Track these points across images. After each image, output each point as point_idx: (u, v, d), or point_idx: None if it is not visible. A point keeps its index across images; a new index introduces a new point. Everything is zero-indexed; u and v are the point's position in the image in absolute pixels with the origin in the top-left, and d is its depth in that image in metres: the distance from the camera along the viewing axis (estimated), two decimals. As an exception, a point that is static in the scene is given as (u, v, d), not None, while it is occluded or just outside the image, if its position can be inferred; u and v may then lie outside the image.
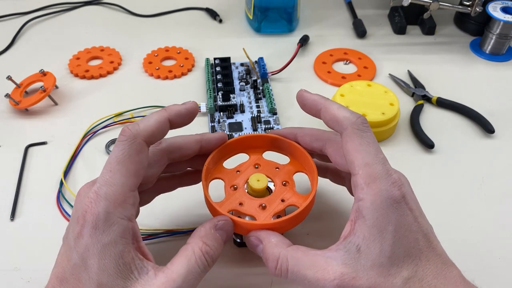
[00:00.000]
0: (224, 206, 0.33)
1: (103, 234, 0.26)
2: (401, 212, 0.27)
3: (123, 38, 0.61)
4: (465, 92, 0.52)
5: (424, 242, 0.27)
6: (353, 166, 0.28)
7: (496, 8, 0.56)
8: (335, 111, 0.30)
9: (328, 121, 0.30)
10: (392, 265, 0.26)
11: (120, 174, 0.27)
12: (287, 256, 0.28)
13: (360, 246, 0.26)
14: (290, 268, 0.28)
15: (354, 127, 0.28)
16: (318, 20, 0.65)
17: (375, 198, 0.26)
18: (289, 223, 0.31)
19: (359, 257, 0.26)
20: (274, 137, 0.36)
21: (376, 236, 0.26)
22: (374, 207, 0.26)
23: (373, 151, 0.28)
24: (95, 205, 0.26)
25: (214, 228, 0.30)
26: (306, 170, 0.35)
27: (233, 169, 0.36)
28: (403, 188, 0.27)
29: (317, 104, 0.31)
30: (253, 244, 0.31)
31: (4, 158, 0.45)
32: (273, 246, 0.29)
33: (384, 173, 0.27)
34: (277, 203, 0.33)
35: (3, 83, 0.50)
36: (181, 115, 0.31)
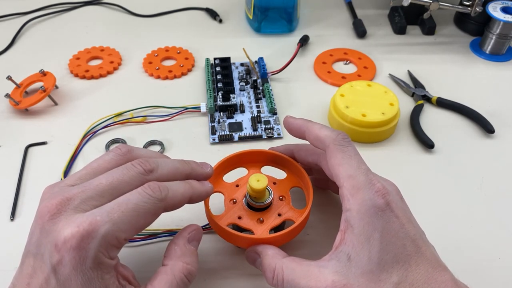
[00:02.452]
0: (224, 219, 0.34)
1: (90, 271, 0.25)
2: (386, 220, 0.28)
3: (123, 38, 0.61)
4: (465, 92, 0.52)
5: (412, 248, 0.28)
6: (338, 179, 0.30)
7: (496, 8, 0.56)
8: (317, 131, 0.32)
9: (313, 141, 0.33)
10: (381, 271, 0.27)
11: (129, 224, 0.27)
12: (283, 267, 0.29)
13: (350, 254, 0.27)
14: (286, 278, 0.29)
15: (336, 143, 0.31)
16: (318, 20, 0.65)
17: (360, 207, 0.28)
18: (286, 237, 0.33)
19: (350, 265, 0.27)
20: (272, 153, 0.38)
21: (364, 243, 0.27)
22: (360, 216, 0.28)
23: (355, 164, 0.30)
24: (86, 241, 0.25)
25: (187, 243, 0.30)
26: (302, 185, 0.37)
27: (233, 183, 0.37)
28: (387, 196, 0.28)
29: (301, 127, 0.34)
30: (252, 259, 0.32)
31: (4, 158, 0.45)
32: (270, 258, 0.31)
33: (367, 183, 0.29)
34: (273, 218, 0.35)
35: (3, 83, 0.50)
36: (201, 197, 0.32)
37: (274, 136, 0.47)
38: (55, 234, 0.25)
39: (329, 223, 0.39)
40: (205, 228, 0.38)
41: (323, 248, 0.37)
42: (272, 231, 0.34)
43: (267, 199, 0.35)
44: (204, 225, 0.38)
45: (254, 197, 0.34)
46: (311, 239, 0.38)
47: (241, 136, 0.47)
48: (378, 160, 0.45)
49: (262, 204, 0.34)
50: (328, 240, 0.38)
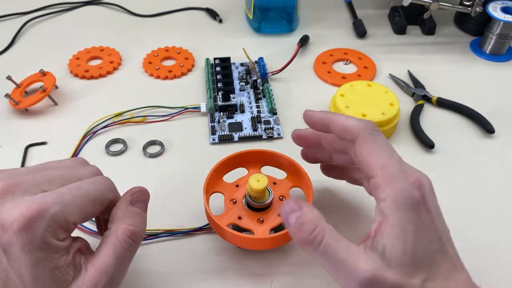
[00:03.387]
0: (224, 219, 0.35)
1: (37, 251, 0.25)
2: (419, 213, 0.27)
3: (123, 38, 0.61)
4: (465, 92, 0.52)
5: (437, 244, 0.27)
6: (370, 169, 0.29)
7: (496, 8, 0.56)
8: (344, 122, 0.31)
9: (339, 132, 0.31)
10: (412, 266, 0.26)
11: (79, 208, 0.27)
12: (326, 229, 0.27)
13: (385, 246, 0.26)
14: (325, 240, 0.27)
15: (365, 132, 0.29)
16: (318, 20, 0.65)
17: (395, 197, 0.27)
18: (286, 237, 0.33)
19: (384, 257, 0.26)
20: (272, 153, 0.38)
21: (398, 236, 0.26)
22: (395, 206, 0.27)
23: (387, 153, 0.29)
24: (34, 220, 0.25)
25: (129, 205, 0.30)
26: (302, 185, 0.37)
27: (233, 183, 0.37)
28: (423, 189, 0.28)
29: (324, 119, 0.32)
30: (290, 208, 0.28)
31: (4, 158, 0.45)
32: (315, 216, 0.28)
33: (402, 172, 0.28)
34: (274, 218, 0.35)
35: (3, 83, 0.50)
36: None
37: (274, 136, 0.47)
38: (3, 214, 0.25)
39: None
40: (205, 228, 0.38)
41: (323, 248, 0.37)
42: (272, 231, 0.34)
43: (267, 199, 0.35)
44: (204, 225, 0.38)
45: (254, 197, 0.34)
46: (311, 239, 0.38)
47: (241, 136, 0.47)
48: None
49: (262, 204, 0.34)
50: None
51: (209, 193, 0.36)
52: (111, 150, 0.45)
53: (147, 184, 0.42)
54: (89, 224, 0.39)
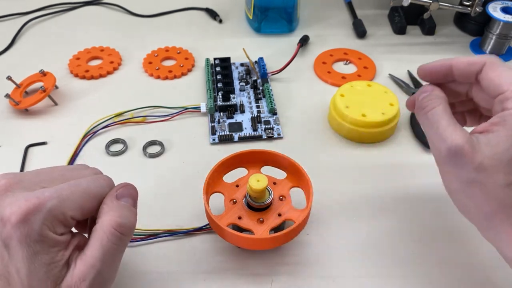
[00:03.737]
0: (224, 219, 0.34)
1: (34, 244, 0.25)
2: None
3: (123, 38, 0.61)
4: (465, 92, 0.52)
5: None
6: (500, 87, 0.29)
7: (496, 8, 0.56)
8: (467, 58, 0.31)
9: (464, 67, 0.31)
10: (506, 167, 0.27)
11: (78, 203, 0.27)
12: (443, 104, 0.30)
13: (490, 140, 0.27)
14: (435, 110, 0.30)
15: (491, 60, 0.30)
16: (318, 20, 0.65)
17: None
18: (286, 237, 0.33)
19: (484, 147, 0.27)
20: (272, 153, 0.38)
21: (509, 138, 0.27)
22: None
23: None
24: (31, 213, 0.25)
25: (115, 199, 0.29)
26: (302, 185, 0.37)
27: (233, 183, 0.37)
28: None
29: (445, 65, 0.32)
30: (425, 89, 0.32)
31: (4, 158, 0.45)
32: (439, 93, 0.31)
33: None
34: (274, 218, 0.35)
35: (3, 83, 0.50)
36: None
37: (274, 136, 0.47)
38: (2, 209, 0.26)
39: (329, 223, 0.39)
40: (205, 228, 0.38)
41: (323, 248, 0.37)
42: (272, 231, 0.34)
43: (267, 199, 0.35)
44: (204, 225, 0.38)
45: (254, 197, 0.34)
46: (311, 239, 0.38)
47: (241, 136, 0.47)
48: (378, 160, 0.45)
49: (262, 204, 0.34)
50: (328, 240, 0.38)
51: (209, 193, 0.36)
52: (111, 150, 0.45)
53: (147, 184, 0.42)
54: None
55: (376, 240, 0.38)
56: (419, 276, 0.35)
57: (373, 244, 0.38)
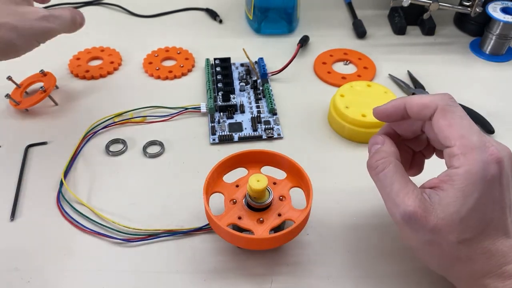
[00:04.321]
0: (224, 219, 0.34)
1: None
2: (491, 186, 0.27)
3: (123, 38, 0.61)
4: (465, 92, 0.52)
5: (498, 213, 0.27)
6: (448, 140, 0.28)
7: (496, 8, 0.56)
8: (419, 100, 0.30)
9: (416, 111, 0.31)
10: (458, 226, 0.27)
11: None
12: (392, 163, 0.30)
13: (441, 200, 0.27)
14: (387, 171, 0.30)
15: (443, 103, 0.29)
16: (318, 21, 0.65)
17: (470, 167, 0.27)
18: (286, 237, 0.33)
19: (436, 208, 0.27)
20: (272, 153, 0.38)
21: (459, 198, 0.27)
22: (467, 176, 0.27)
23: (467, 124, 0.28)
24: None
25: None
26: (302, 185, 0.37)
27: (233, 183, 0.37)
28: (501, 163, 0.27)
29: (399, 105, 0.32)
30: (376, 141, 0.32)
31: (4, 158, 0.45)
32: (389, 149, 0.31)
33: (481, 143, 0.27)
34: (273, 218, 0.35)
35: (3, 83, 0.50)
36: None
37: (274, 137, 0.47)
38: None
39: (329, 223, 0.39)
40: (205, 228, 0.38)
41: (323, 248, 0.37)
42: (272, 231, 0.34)
43: (267, 199, 0.35)
44: (204, 225, 0.38)
45: (254, 197, 0.34)
46: (311, 239, 0.38)
47: (241, 136, 0.47)
48: (378, 160, 0.45)
49: (262, 204, 0.35)
50: (328, 240, 0.38)
51: (209, 193, 0.36)
52: (111, 150, 0.45)
53: (147, 184, 0.42)
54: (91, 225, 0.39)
55: (377, 240, 0.38)
56: (419, 275, 0.35)
57: (373, 244, 0.38)
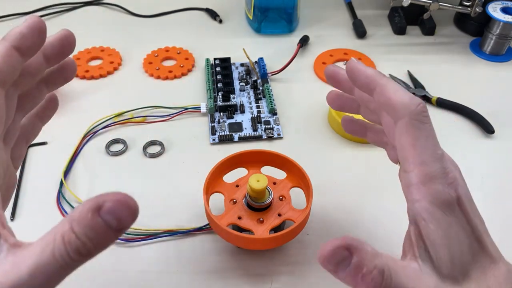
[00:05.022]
0: (224, 219, 0.34)
1: None
2: (456, 215, 0.25)
3: (123, 38, 0.61)
4: (465, 92, 0.52)
5: (476, 245, 0.26)
6: (407, 163, 0.25)
7: (496, 8, 0.56)
8: (391, 94, 0.26)
9: (383, 104, 0.26)
10: (460, 274, 0.25)
11: None
12: (390, 270, 0.23)
13: (431, 253, 0.24)
14: (394, 281, 0.23)
15: (412, 117, 0.25)
16: (318, 21, 0.65)
17: (432, 199, 0.24)
18: (286, 237, 0.33)
19: (434, 266, 0.24)
20: (272, 153, 0.38)
21: (443, 242, 0.24)
22: (433, 209, 0.24)
23: (431, 148, 0.25)
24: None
25: (95, 211, 0.19)
26: (302, 185, 0.37)
27: (233, 183, 0.37)
28: (458, 189, 0.25)
29: (371, 82, 0.27)
30: (337, 257, 0.22)
31: (4, 158, 0.45)
32: (373, 257, 0.23)
33: (442, 172, 0.25)
34: (273, 218, 0.35)
35: (3, 83, 0.50)
36: (25, 36, 0.24)
37: (274, 137, 0.47)
38: None
39: (329, 223, 0.39)
40: (205, 228, 0.38)
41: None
42: (272, 231, 0.34)
43: (267, 199, 0.35)
44: (204, 225, 0.38)
45: (254, 197, 0.34)
46: (311, 239, 0.38)
47: (241, 136, 0.47)
48: (378, 160, 0.45)
49: (262, 204, 0.35)
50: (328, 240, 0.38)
51: (209, 193, 0.36)
52: (111, 150, 0.45)
53: (147, 184, 0.42)
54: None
55: (376, 240, 0.38)
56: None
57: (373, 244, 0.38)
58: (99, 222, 0.19)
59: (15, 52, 0.24)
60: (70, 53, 0.28)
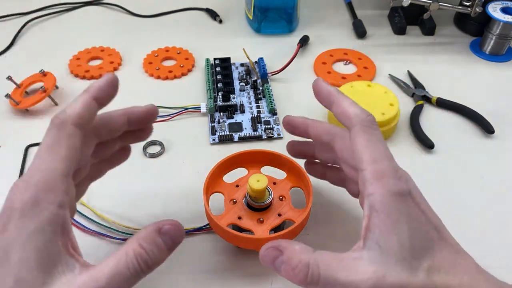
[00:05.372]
0: (224, 219, 0.35)
1: (30, 221, 0.24)
2: (409, 205, 0.27)
3: (123, 38, 0.61)
4: (465, 92, 0.52)
5: (435, 233, 0.27)
6: (361, 162, 0.28)
7: (496, 8, 0.56)
8: (346, 107, 0.30)
9: (339, 115, 0.31)
10: (412, 258, 0.26)
11: (51, 159, 0.26)
12: (318, 262, 0.26)
13: (379, 241, 0.26)
14: (323, 274, 0.26)
15: (363, 124, 0.29)
16: (318, 21, 0.65)
17: (384, 192, 0.27)
18: (286, 237, 0.33)
19: (382, 253, 0.26)
20: (272, 153, 0.38)
21: (391, 228, 0.26)
22: (384, 200, 0.27)
23: (381, 148, 0.29)
24: (24, 192, 0.25)
25: (157, 232, 0.27)
26: (302, 185, 0.37)
27: (233, 183, 0.37)
28: (409, 183, 0.28)
29: (331, 96, 0.32)
30: (271, 257, 0.28)
31: (4, 158, 0.45)
32: (299, 254, 0.27)
33: (392, 168, 0.28)
34: (273, 218, 0.35)
35: (3, 83, 0.50)
36: (103, 90, 0.30)
37: (274, 137, 0.47)
38: None
39: (329, 223, 0.39)
40: (205, 228, 0.38)
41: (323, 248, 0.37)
42: (272, 231, 0.34)
43: (267, 199, 0.35)
44: (204, 225, 0.38)
45: (254, 197, 0.34)
46: (311, 239, 0.38)
47: (241, 136, 0.47)
48: (378, 160, 0.45)
49: (262, 204, 0.35)
50: (328, 240, 0.38)
51: (209, 193, 0.36)
52: (111, 150, 0.45)
53: (147, 184, 0.42)
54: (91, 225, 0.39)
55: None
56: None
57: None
58: (160, 240, 0.26)
59: (93, 101, 0.29)
60: (151, 123, 0.35)
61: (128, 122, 0.33)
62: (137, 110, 0.33)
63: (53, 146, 0.27)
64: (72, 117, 0.28)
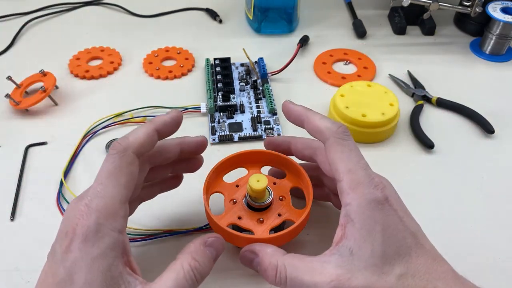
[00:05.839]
0: (224, 219, 0.34)
1: (93, 247, 0.26)
2: (386, 213, 0.28)
3: (123, 38, 0.61)
4: (465, 92, 0.52)
5: (412, 240, 0.28)
6: (337, 173, 0.30)
7: (496, 8, 0.56)
8: (317, 122, 0.32)
9: (311, 131, 0.32)
10: (384, 264, 0.27)
11: (112, 186, 0.28)
12: (285, 264, 0.29)
13: (352, 248, 0.27)
14: (289, 275, 0.28)
15: (336, 136, 0.30)
16: (318, 21, 0.65)
17: (360, 201, 0.28)
18: (286, 237, 0.33)
19: (352, 259, 0.27)
20: (272, 153, 0.38)
21: (366, 237, 0.27)
22: (360, 209, 0.28)
23: (355, 158, 0.30)
24: (86, 218, 0.26)
25: (203, 245, 0.30)
26: (302, 185, 0.37)
27: (233, 183, 0.37)
28: (385, 190, 0.29)
29: (301, 115, 0.33)
30: (248, 259, 0.31)
31: (4, 158, 0.45)
32: (270, 256, 0.30)
33: (367, 177, 0.29)
34: (273, 218, 0.35)
35: (3, 83, 0.50)
36: (167, 125, 0.32)
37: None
38: None
39: (329, 223, 0.39)
40: (205, 228, 0.38)
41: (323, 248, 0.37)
42: (272, 231, 0.34)
43: (267, 199, 0.35)
44: (204, 225, 0.38)
45: (254, 197, 0.34)
46: (311, 239, 0.38)
47: (241, 136, 0.47)
48: (378, 160, 0.45)
49: (262, 204, 0.35)
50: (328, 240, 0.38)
51: (209, 193, 0.36)
52: (111, 150, 0.45)
53: (147, 184, 0.42)
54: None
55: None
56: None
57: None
58: (208, 252, 0.29)
59: (155, 133, 0.31)
60: (200, 154, 0.36)
61: (180, 151, 0.35)
62: (189, 141, 0.35)
63: (114, 172, 0.28)
64: (133, 145, 0.29)
